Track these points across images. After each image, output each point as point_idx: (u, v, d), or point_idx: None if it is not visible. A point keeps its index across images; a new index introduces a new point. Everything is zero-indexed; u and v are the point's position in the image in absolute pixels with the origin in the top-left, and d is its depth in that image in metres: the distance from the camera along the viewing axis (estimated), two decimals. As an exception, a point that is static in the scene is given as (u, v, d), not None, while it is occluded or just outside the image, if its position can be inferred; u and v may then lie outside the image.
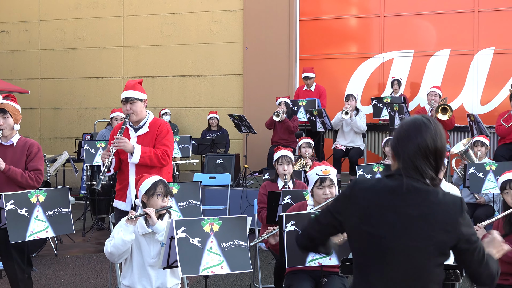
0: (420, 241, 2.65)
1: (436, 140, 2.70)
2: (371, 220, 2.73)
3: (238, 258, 4.12)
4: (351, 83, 12.83)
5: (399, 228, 2.67)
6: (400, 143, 2.76)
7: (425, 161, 2.69)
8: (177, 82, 13.82)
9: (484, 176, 7.17)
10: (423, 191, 2.68)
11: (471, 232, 2.70)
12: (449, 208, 2.67)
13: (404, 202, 2.68)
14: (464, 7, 12.13)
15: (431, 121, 2.74)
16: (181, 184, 5.83)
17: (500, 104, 11.76)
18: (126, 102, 5.84)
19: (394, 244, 2.68)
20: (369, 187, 2.78)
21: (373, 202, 2.74)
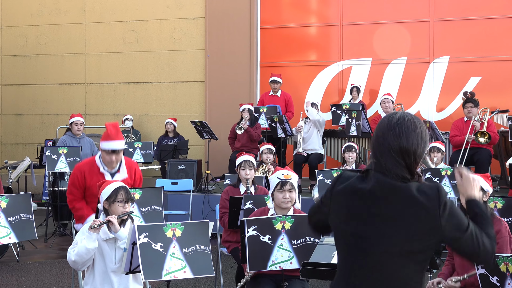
0: (398, 242, 2.61)
1: (400, 139, 2.66)
2: (348, 219, 2.73)
3: (201, 262, 4.16)
4: (311, 90, 12.99)
5: (375, 229, 2.65)
6: (374, 144, 2.77)
7: (391, 160, 2.67)
8: (140, 89, 13.85)
9: (439, 181, 7.35)
10: (398, 189, 2.64)
11: (456, 221, 2.62)
12: (425, 202, 2.60)
13: (379, 201, 2.65)
14: (420, 17, 12.38)
15: (398, 118, 2.71)
16: (143, 189, 5.85)
17: (455, 111, 12.03)
18: (112, 153, 5.82)
19: (369, 245, 2.66)
20: (348, 182, 2.77)
21: (349, 197, 2.75)
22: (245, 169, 6.45)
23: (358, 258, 2.70)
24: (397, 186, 2.65)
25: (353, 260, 2.72)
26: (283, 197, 4.93)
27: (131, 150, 9.97)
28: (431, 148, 8.28)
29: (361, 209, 2.70)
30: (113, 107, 14.02)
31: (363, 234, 2.68)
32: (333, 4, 12.94)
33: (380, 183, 2.68)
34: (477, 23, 12.09)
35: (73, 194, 5.99)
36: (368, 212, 2.68)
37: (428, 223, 2.60)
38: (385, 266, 2.65)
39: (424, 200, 2.60)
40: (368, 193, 2.69)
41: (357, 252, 2.70)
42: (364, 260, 2.68)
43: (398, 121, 2.70)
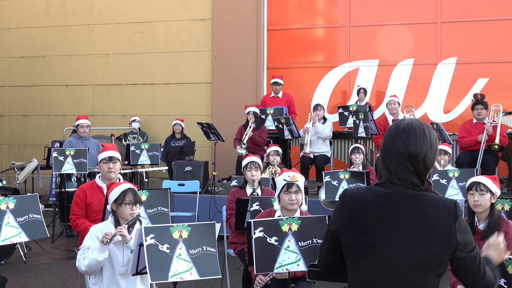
0: (414, 253, 2.58)
1: (409, 145, 2.65)
2: (361, 231, 2.69)
3: (207, 264, 4.16)
4: (318, 92, 13.00)
5: (391, 239, 2.62)
6: (383, 151, 2.76)
7: (400, 166, 2.66)
8: (146, 90, 13.88)
9: (447, 183, 7.30)
10: (414, 198, 2.63)
11: (467, 239, 2.62)
12: (442, 215, 2.61)
13: (395, 211, 2.64)
14: (427, 18, 12.37)
15: (406, 125, 2.71)
16: (150, 191, 5.87)
17: (463, 113, 12.02)
18: (109, 161, 6.14)
19: (386, 258, 2.63)
20: (358, 196, 2.75)
21: (363, 211, 2.70)
22: (251, 170, 6.46)
23: (375, 269, 2.66)
24: (416, 195, 2.64)
25: (369, 271, 2.68)
26: (289, 199, 4.94)
27: (137, 151, 9.97)
28: (439, 151, 8.25)
29: (378, 219, 2.67)
30: (120, 108, 14.05)
31: (380, 245, 2.65)
32: (340, 5, 12.94)
33: (397, 193, 2.66)
34: (484, 25, 12.07)
35: (75, 213, 6.08)
36: (386, 222, 2.65)
37: (444, 235, 2.60)
38: (403, 277, 2.62)
39: (443, 213, 2.61)
40: (385, 203, 2.67)
41: (374, 263, 2.66)
42: (381, 271, 2.65)
43: (406, 127, 2.70)
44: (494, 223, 4.81)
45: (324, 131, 10.32)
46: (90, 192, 6.11)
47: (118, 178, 6.18)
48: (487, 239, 4.71)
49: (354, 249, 2.72)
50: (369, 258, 2.67)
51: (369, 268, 2.67)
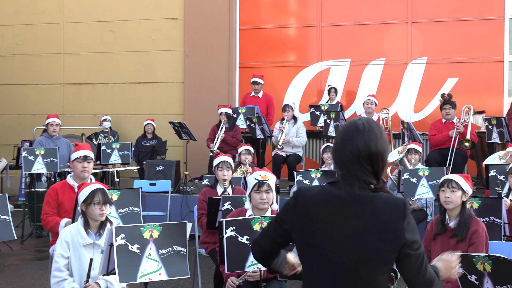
0: (364, 254, 2.62)
1: (370, 145, 2.66)
2: (315, 231, 2.70)
3: (177, 264, 4.15)
4: (290, 91, 13.03)
5: (342, 239, 2.65)
6: (336, 150, 2.77)
7: (359, 167, 2.66)
8: (118, 89, 13.80)
9: (417, 182, 7.38)
10: (364, 198, 2.65)
11: (414, 238, 2.65)
12: (391, 214, 2.63)
13: (346, 211, 2.65)
14: (398, 18, 12.47)
15: (365, 125, 2.71)
16: (121, 191, 5.86)
17: (432, 112, 12.14)
18: (83, 160, 6.11)
19: (337, 256, 2.66)
20: (312, 196, 2.75)
21: (316, 211, 2.71)
22: (222, 170, 6.47)
23: (327, 268, 2.69)
24: (366, 196, 2.66)
25: (322, 271, 2.71)
26: (260, 198, 4.96)
27: (108, 151, 9.91)
28: (409, 150, 8.34)
29: (332, 220, 2.68)
30: (91, 107, 13.96)
31: (332, 244, 2.67)
32: (312, 5, 12.99)
33: (351, 194, 2.67)
34: (454, 25, 12.20)
35: (47, 213, 6.03)
36: (340, 222, 2.66)
37: (393, 235, 2.62)
38: (354, 275, 2.65)
39: (392, 212, 2.63)
40: (339, 204, 2.68)
41: (327, 262, 2.69)
42: (333, 270, 2.67)
43: (366, 127, 2.71)
44: (465, 221, 4.86)
45: (301, 142, 10.38)
46: (61, 192, 6.07)
47: (90, 178, 6.14)
48: (457, 237, 4.80)
49: (306, 248, 2.75)
50: (320, 257, 2.69)
51: (321, 267, 2.70)
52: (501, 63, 11.98)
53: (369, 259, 2.62)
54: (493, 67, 12.02)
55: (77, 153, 6.14)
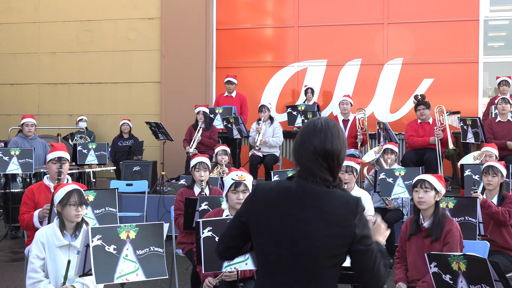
0: (313, 246, 2.71)
1: (326, 143, 2.77)
2: (269, 223, 2.80)
3: (154, 264, 4.15)
4: (267, 91, 13.05)
5: (295, 231, 2.74)
6: (295, 147, 2.87)
7: (315, 163, 2.77)
8: (94, 89, 13.72)
9: (393, 182, 7.43)
10: (317, 193, 2.75)
11: (365, 234, 2.75)
12: (343, 209, 2.73)
13: (300, 205, 2.75)
14: (374, 19, 12.53)
15: (323, 124, 2.83)
16: (97, 191, 5.85)
17: (408, 113, 12.22)
18: (58, 161, 6.10)
19: (288, 248, 2.74)
20: (269, 189, 2.86)
21: (271, 204, 2.81)
22: (199, 170, 6.47)
23: (279, 259, 2.78)
24: (319, 191, 2.76)
25: (274, 261, 2.79)
26: (237, 198, 4.97)
27: (85, 151, 9.85)
28: (385, 150, 8.39)
29: (283, 213, 2.78)
30: (67, 107, 13.86)
31: (285, 236, 2.76)
32: (289, 5, 13.02)
33: (304, 188, 2.77)
34: (430, 26, 12.30)
35: (24, 213, 5.98)
36: (291, 215, 2.76)
37: (344, 229, 2.71)
38: (304, 266, 2.74)
39: (344, 208, 2.74)
40: (291, 197, 2.78)
41: (278, 253, 2.78)
42: (284, 261, 2.76)
43: (324, 126, 2.82)
44: (439, 221, 4.90)
45: (278, 143, 10.41)
46: (37, 192, 6.05)
47: (66, 179, 6.11)
48: (431, 237, 4.84)
49: (261, 239, 2.84)
50: (273, 248, 2.78)
51: (273, 257, 2.79)
52: (475, 64, 12.10)
53: (318, 252, 2.72)
54: (468, 68, 12.14)
55: (52, 154, 6.12)
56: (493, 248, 5.64)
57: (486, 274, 3.95)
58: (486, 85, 12.54)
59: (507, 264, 5.80)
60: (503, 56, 12.71)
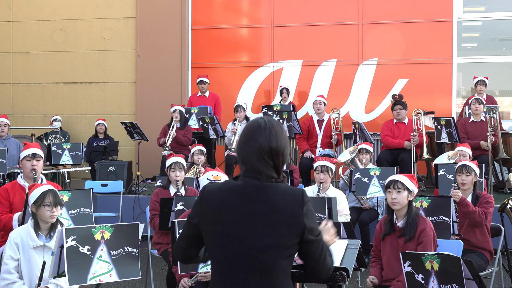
0: (264, 239, 2.79)
1: (271, 141, 2.86)
2: (219, 221, 2.86)
3: (128, 265, 4.13)
4: (242, 92, 13.05)
5: (245, 227, 2.81)
6: (240, 147, 2.95)
7: (261, 161, 2.85)
8: (68, 89, 13.63)
9: (368, 181, 7.47)
10: (265, 188, 2.83)
11: (313, 224, 2.85)
12: (290, 201, 2.81)
13: (248, 201, 2.83)
14: (349, 20, 12.59)
15: (266, 123, 2.90)
16: (72, 191, 5.80)
17: (383, 113, 12.30)
18: (32, 158, 6.02)
19: (239, 242, 2.82)
20: (217, 190, 2.92)
21: (220, 203, 2.88)
22: (175, 170, 6.45)
23: (231, 254, 2.84)
24: (265, 186, 2.85)
25: (227, 257, 2.86)
26: (212, 198, 4.94)
27: (59, 151, 9.77)
28: (360, 150, 8.43)
29: (232, 208, 2.85)
30: (41, 107, 13.75)
31: (236, 232, 2.83)
32: (264, 6, 13.03)
33: (251, 185, 2.85)
34: (404, 27, 12.38)
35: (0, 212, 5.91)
36: (241, 212, 2.84)
37: (293, 220, 2.81)
38: (257, 261, 2.81)
39: (291, 199, 2.83)
40: (239, 195, 2.86)
41: (230, 249, 2.84)
42: (237, 255, 2.83)
43: (267, 124, 2.90)
44: (412, 220, 4.94)
45: None
46: (12, 192, 5.99)
47: (41, 179, 6.05)
48: (405, 237, 4.88)
49: (213, 239, 2.90)
50: (226, 246, 2.85)
51: (227, 255, 2.85)
52: (449, 64, 12.21)
53: (269, 244, 2.79)
54: (442, 68, 12.24)
55: (26, 151, 6.05)
56: (467, 247, 5.70)
57: (458, 273, 3.99)
58: (460, 86, 12.67)
59: (481, 263, 5.86)
60: (476, 56, 12.86)
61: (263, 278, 2.81)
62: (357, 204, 8.07)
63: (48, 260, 4.38)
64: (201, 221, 2.93)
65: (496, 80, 12.85)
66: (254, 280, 2.82)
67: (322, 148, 10.22)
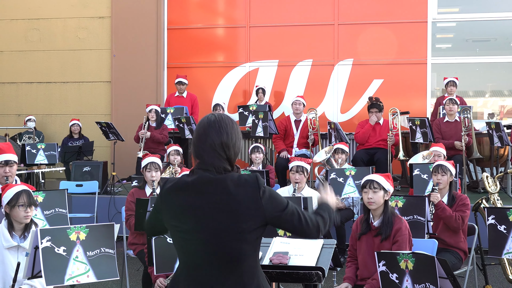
0: (224, 225, 2.88)
1: (221, 134, 2.97)
2: (178, 215, 2.97)
3: (105, 266, 4.12)
4: (218, 91, 13.04)
5: (204, 219, 2.90)
6: (194, 143, 3.06)
7: (214, 154, 2.96)
8: (43, 89, 13.51)
9: (344, 181, 7.48)
10: (220, 179, 2.93)
11: (274, 201, 2.95)
12: (246, 187, 2.91)
13: (205, 192, 2.92)
14: (324, 20, 12.64)
15: (217, 117, 3.03)
16: (46, 192, 5.75)
17: (359, 113, 12.37)
18: (5, 165, 5.91)
19: (200, 232, 2.91)
20: (172, 185, 3.02)
21: (176, 198, 2.98)
22: (150, 171, 6.43)
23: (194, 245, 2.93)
24: (221, 177, 2.94)
25: (191, 249, 2.94)
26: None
27: (34, 151, 9.70)
28: (336, 150, 8.46)
29: (189, 203, 2.94)
30: (15, 107, 13.63)
31: (195, 223, 2.92)
32: (240, 6, 13.03)
33: (202, 177, 2.95)
34: (379, 27, 12.45)
35: None
36: (198, 204, 2.93)
37: (251, 205, 2.90)
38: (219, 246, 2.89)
39: (246, 185, 2.92)
40: (192, 187, 2.95)
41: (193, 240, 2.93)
42: (200, 245, 2.92)
43: (217, 119, 3.03)
44: (388, 219, 4.97)
45: None
46: None
47: (15, 180, 5.99)
48: (381, 236, 4.92)
49: (174, 233, 3.02)
50: (188, 239, 2.95)
51: (190, 247, 2.95)
52: (424, 65, 12.31)
53: (231, 232, 2.88)
54: (416, 69, 12.34)
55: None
56: (441, 246, 5.74)
57: (432, 273, 4.03)
58: (434, 86, 12.79)
59: (455, 262, 5.91)
60: (450, 57, 13.00)
61: (228, 266, 2.90)
62: (333, 204, 8.08)
63: (22, 261, 4.35)
64: (163, 215, 3.05)
65: (470, 80, 13.03)
66: (219, 269, 2.90)
67: (298, 148, 10.25)
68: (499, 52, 13.29)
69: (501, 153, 9.98)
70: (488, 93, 13.77)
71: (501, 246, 5.20)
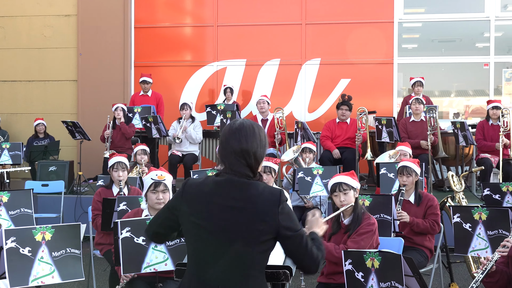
0: (240, 232, 2.95)
1: (242, 143, 3.03)
2: (199, 212, 3.02)
3: (70, 266, 4.10)
4: (186, 91, 13.00)
5: (221, 220, 2.97)
6: (219, 149, 3.16)
7: (235, 161, 3.03)
8: (7, 87, 13.33)
9: (311, 180, 7.53)
10: (244, 185, 3.01)
11: (289, 222, 3.00)
12: (267, 199, 2.98)
13: (227, 196, 2.99)
14: (292, 20, 12.68)
15: (238, 125, 3.10)
16: (11, 192, 5.70)
17: (326, 112, 12.44)
18: None
19: (217, 234, 2.97)
20: (198, 184, 3.10)
21: (200, 196, 3.04)
22: (117, 170, 6.41)
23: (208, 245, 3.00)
24: (244, 183, 3.02)
25: (204, 248, 3.01)
26: (157, 198, 4.93)
27: (-2, 151, 9.58)
28: (303, 149, 8.49)
29: (212, 202, 3.02)
30: (-21, 106, 13.44)
31: (213, 223, 2.99)
32: (208, 5, 13.01)
33: (231, 181, 3.02)
34: (346, 27, 12.53)
35: None
36: (221, 206, 3.00)
37: (268, 216, 2.96)
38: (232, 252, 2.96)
39: (269, 197, 2.99)
40: (220, 190, 3.03)
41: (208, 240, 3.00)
42: (213, 246, 2.98)
43: (238, 126, 3.10)
44: (358, 217, 5.02)
45: (196, 137, 10.44)
46: None
47: None
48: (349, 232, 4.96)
49: (191, 229, 3.07)
50: (203, 237, 3.01)
51: (203, 245, 3.02)
52: (390, 65, 12.42)
53: (244, 237, 2.95)
54: (383, 69, 12.45)
55: None
56: (408, 245, 5.80)
57: (398, 271, 4.07)
58: (401, 86, 12.91)
59: (421, 260, 5.97)
60: (416, 57, 13.13)
61: (237, 269, 2.96)
62: (301, 203, 8.13)
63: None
64: (182, 211, 3.09)
65: (436, 80, 13.17)
66: (227, 271, 2.97)
67: (266, 147, 10.25)
68: (464, 52, 13.47)
69: (466, 152, 10.11)
70: (454, 93, 13.94)
71: (466, 244, 5.28)
